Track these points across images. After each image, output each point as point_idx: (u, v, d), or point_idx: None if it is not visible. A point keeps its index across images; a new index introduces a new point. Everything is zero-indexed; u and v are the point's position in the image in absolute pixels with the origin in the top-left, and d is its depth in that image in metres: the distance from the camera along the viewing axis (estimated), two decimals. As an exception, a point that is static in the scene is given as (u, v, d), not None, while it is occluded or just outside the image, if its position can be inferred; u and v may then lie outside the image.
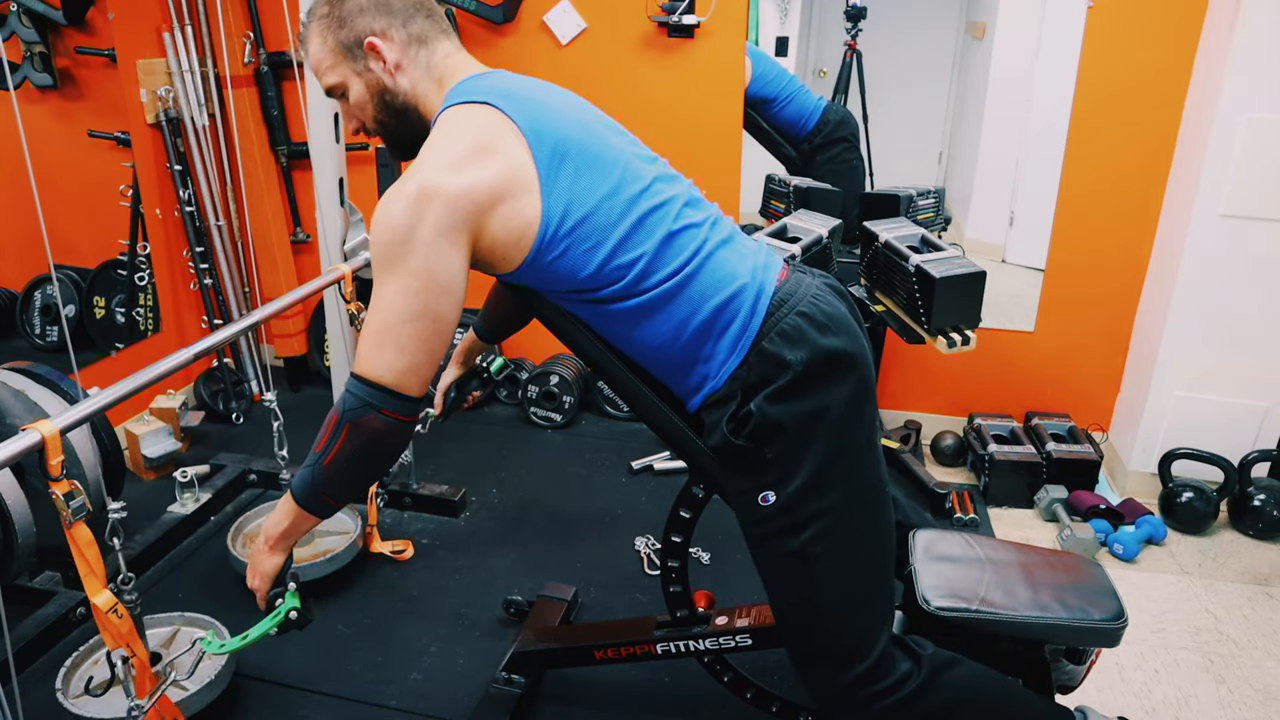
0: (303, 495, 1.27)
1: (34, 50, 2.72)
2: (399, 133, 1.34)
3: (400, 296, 1.16)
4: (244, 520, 2.29)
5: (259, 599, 1.36)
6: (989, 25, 3.05)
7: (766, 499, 1.26)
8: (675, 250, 1.25)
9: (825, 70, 3.18)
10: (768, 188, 3.02)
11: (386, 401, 1.19)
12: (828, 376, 1.24)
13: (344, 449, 1.22)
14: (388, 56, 1.27)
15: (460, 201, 1.14)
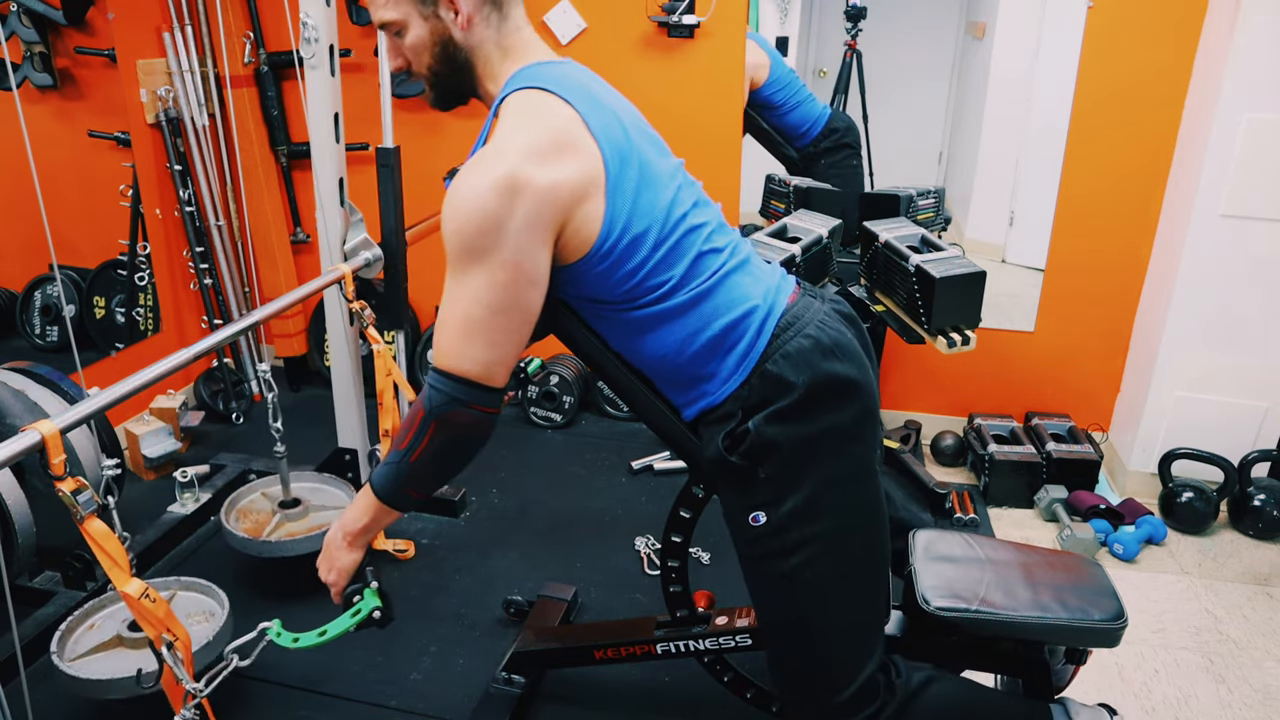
0: (386, 491, 1.26)
1: (34, 50, 2.72)
2: (448, 85, 1.29)
3: (488, 289, 1.13)
4: (238, 495, 2.29)
5: (334, 594, 1.35)
6: (989, 25, 3.04)
7: (757, 519, 1.25)
8: (698, 270, 1.24)
9: (825, 70, 3.18)
10: (768, 188, 3.02)
11: (474, 395, 1.17)
12: (828, 402, 1.23)
13: (431, 444, 1.20)
14: (462, 8, 1.21)
15: (549, 196, 1.11)
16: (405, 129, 2.98)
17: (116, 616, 1.82)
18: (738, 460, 1.23)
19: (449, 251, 1.14)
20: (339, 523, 1.34)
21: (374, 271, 2.37)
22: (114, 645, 1.76)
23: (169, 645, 1.38)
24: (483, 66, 1.27)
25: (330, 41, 2.20)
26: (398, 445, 1.23)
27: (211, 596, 1.90)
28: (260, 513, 2.26)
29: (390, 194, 2.32)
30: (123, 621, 1.79)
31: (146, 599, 1.34)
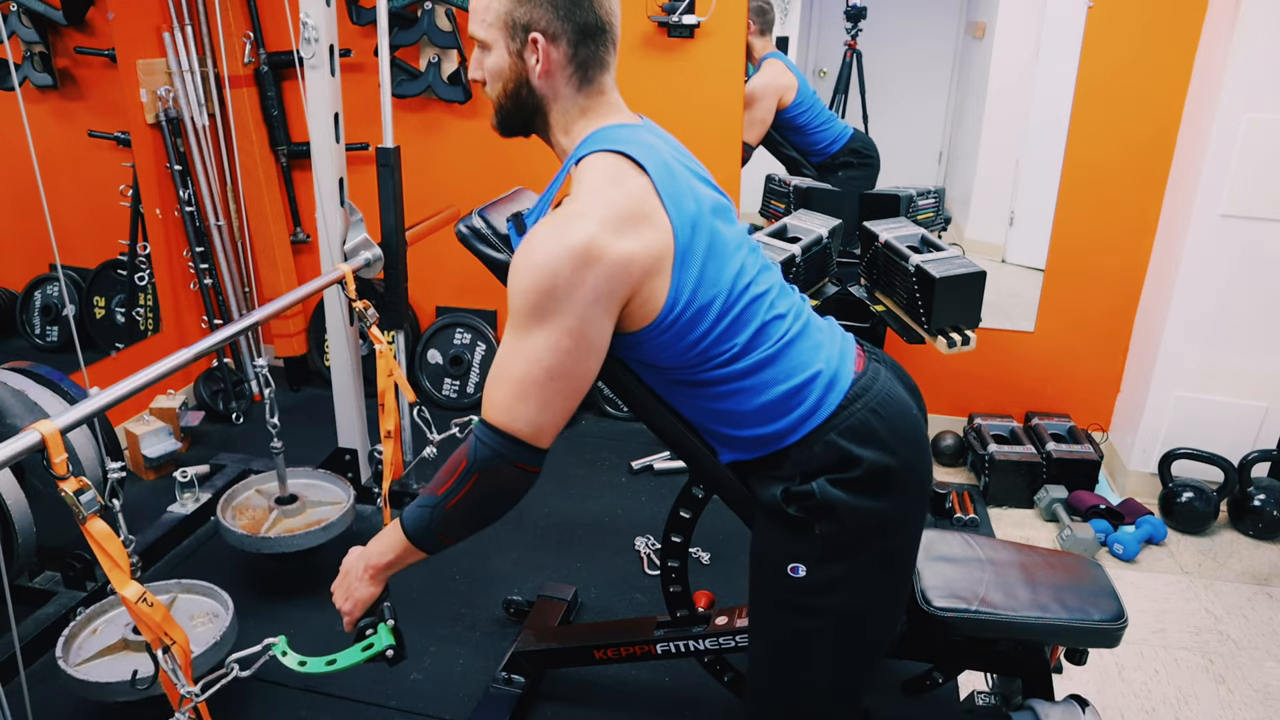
0: (417, 534, 1.25)
1: (34, 50, 2.72)
2: (512, 119, 1.29)
3: (549, 353, 1.12)
4: (233, 493, 2.29)
5: (346, 623, 1.34)
6: (989, 25, 3.04)
7: (796, 570, 1.23)
8: (761, 339, 1.23)
9: (825, 70, 3.18)
10: (768, 188, 3.02)
11: (520, 454, 1.17)
12: (891, 484, 1.23)
13: (470, 495, 1.20)
14: (545, 59, 1.21)
15: (622, 271, 1.11)
16: (405, 129, 2.99)
17: (119, 620, 1.82)
18: (795, 512, 1.22)
19: (513, 306, 1.13)
20: (362, 553, 1.33)
21: (374, 271, 2.37)
22: (119, 648, 1.76)
23: (166, 649, 1.38)
24: (556, 117, 1.27)
25: (330, 41, 2.20)
26: (434, 490, 1.23)
27: (214, 598, 1.90)
28: (257, 509, 2.26)
29: (390, 194, 2.32)
30: (126, 625, 1.79)
31: (144, 603, 1.35)
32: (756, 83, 2.90)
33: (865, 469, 1.20)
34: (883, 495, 1.22)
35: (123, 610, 1.84)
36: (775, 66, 2.89)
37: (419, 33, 2.92)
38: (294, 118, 3.17)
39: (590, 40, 1.22)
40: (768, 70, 2.90)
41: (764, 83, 2.89)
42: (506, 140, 1.37)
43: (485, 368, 3.26)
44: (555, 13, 1.19)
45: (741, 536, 1.50)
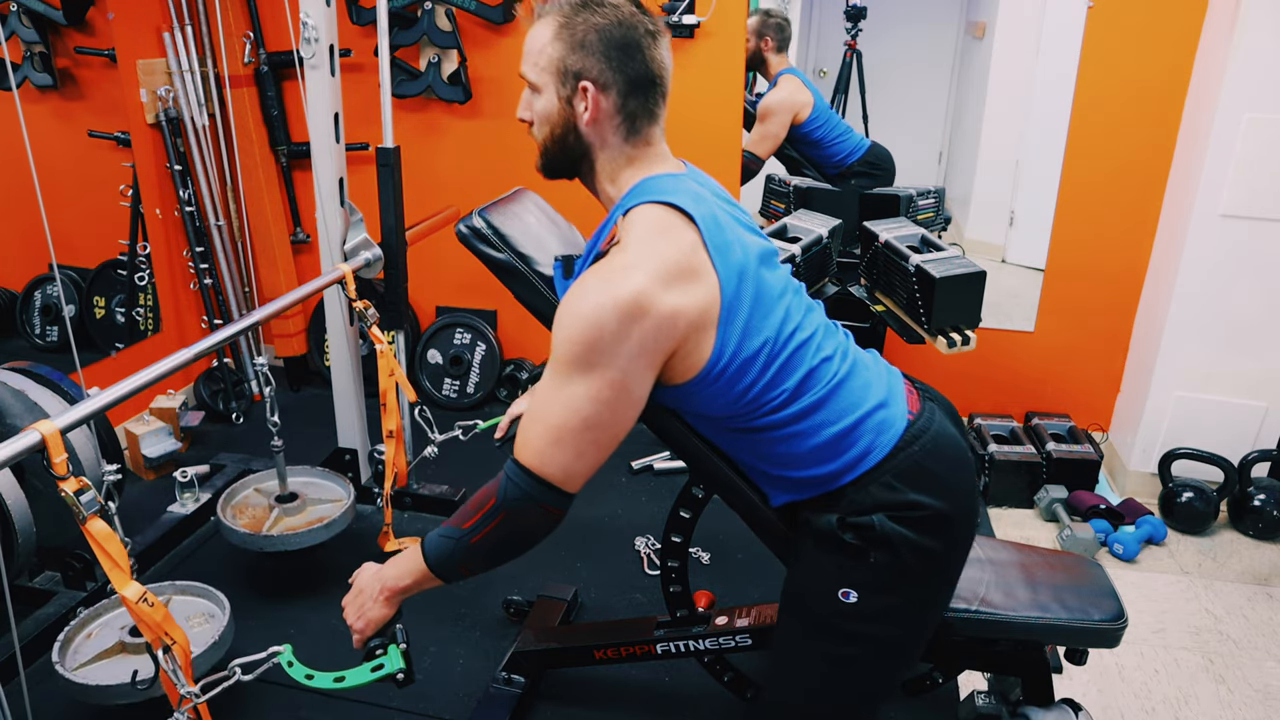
0: (438, 564, 1.26)
1: (34, 50, 2.72)
2: (557, 163, 1.30)
3: (589, 403, 1.13)
4: (232, 491, 2.28)
5: (355, 641, 1.34)
6: (989, 25, 3.05)
7: (848, 595, 1.23)
8: (811, 383, 1.23)
9: (825, 70, 3.18)
10: (768, 188, 3.02)
11: (549, 497, 1.18)
12: (948, 529, 1.24)
13: (496, 533, 1.21)
14: (593, 107, 1.22)
15: (668, 326, 1.12)
16: (405, 129, 2.99)
17: (113, 624, 1.82)
18: (852, 539, 1.23)
19: (557, 352, 1.14)
20: (378, 573, 1.32)
21: (374, 271, 2.37)
22: (116, 651, 1.76)
23: (166, 649, 1.37)
24: (602, 165, 1.28)
25: (330, 41, 2.20)
26: (460, 523, 1.23)
27: (210, 599, 1.90)
28: (257, 508, 2.26)
29: (390, 194, 2.32)
30: (122, 628, 1.79)
31: (144, 603, 1.34)
32: (773, 99, 2.89)
33: (923, 512, 1.21)
34: (937, 536, 1.23)
35: (118, 613, 1.84)
36: (792, 83, 2.89)
37: (419, 33, 2.92)
38: (294, 118, 3.17)
39: (640, 92, 1.23)
40: (784, 86, 2.89)
41: (780, 99, 2.88)
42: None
43: (485, 368, 3.26)
44: (608, 63, 1.21)
45: (741, 537, 1.50)
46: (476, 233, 1.46)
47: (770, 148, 2.94)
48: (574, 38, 1.21)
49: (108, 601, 1.85)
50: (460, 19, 2.93)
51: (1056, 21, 2.83)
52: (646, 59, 1.22)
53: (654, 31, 1.23)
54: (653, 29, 1.23)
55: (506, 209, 1.54)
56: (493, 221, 1.47)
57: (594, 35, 1.20)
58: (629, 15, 1.21)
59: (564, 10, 1.23)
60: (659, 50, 1.24)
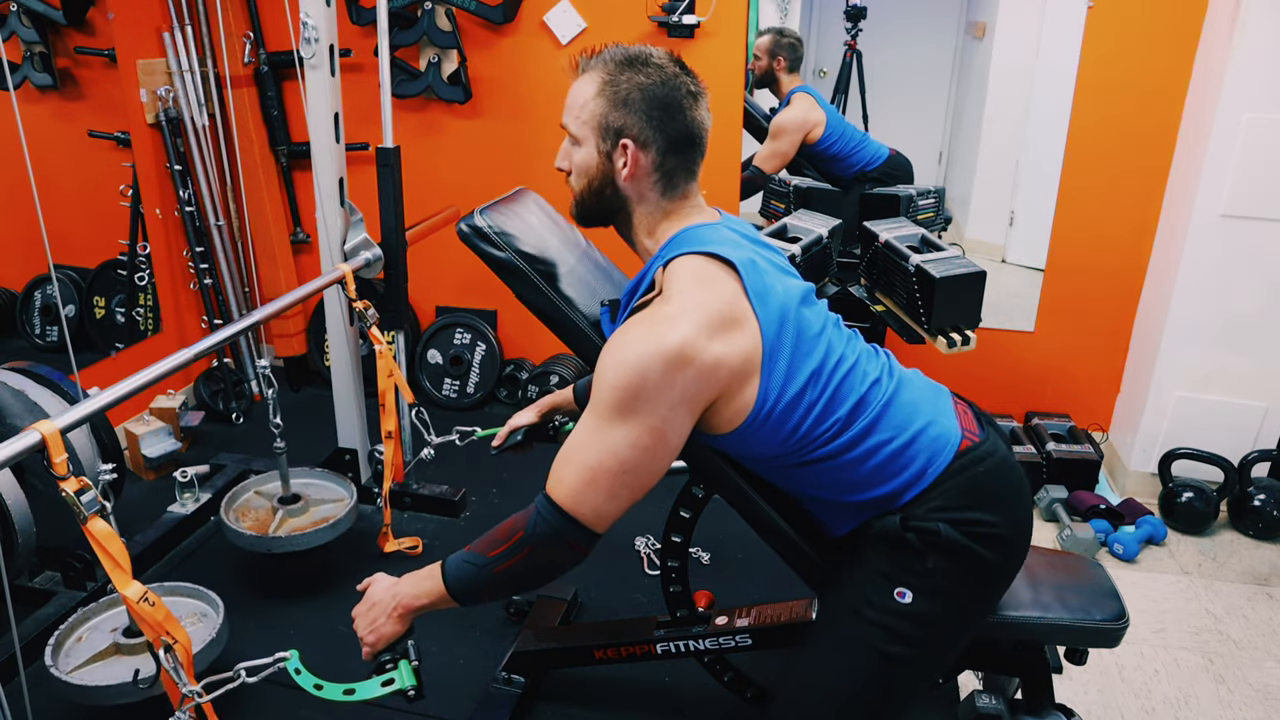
0: (459, 588, 1.28)
1: (34, 50, 2.72)
2: (593, 214, 1.32)
3: (628, 449, 1.15)
4: (233, 494, 2.28)
5: (365, 653, 1.34)
6: (989, 25, 3.04)
7: (903, 595, 1.25)
8: (861, 410, 1.25)
9: (825, 70, 3.18)
10: (768, 187, 3.02)
11: (576, 535, 1.21)
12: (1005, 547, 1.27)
13: (520, 564, 1.24)
14: (632, 164, 1.25)
15: (710, 376, 1.14)
16: (405, 129, 2.99)
17: (103, 627, 1.81)
18: (915, 540, 1.24)
19: (599, 396, 1.16)
20: (393, 588, 1.33)
21: (374, 271, 2.37)
22: (111, 653, 1.76)
23: (167, 648, 1.37)
24: (639, 219, 1.30)
25: (330, 41, 2.20)
26: (484, 551, 1.25)
27: (202, 599, 1.89)
28: (260, 510, 2.26)
29: (390, 194, 2.32)
30: (114, 630, 1.78)
31: (145, 602, 1.34)
32: (785, 118, 2.88)
33: (985, 529, 1.23)
34: (995, 552, 1.25)
35: (107, 616, 1.83)
36: (805, 102, 2.87)
37: (419, 33, 2.92)
38: (294, 118, 3.17)
39: (679, 151, 1.26)
40: (797, 105, 2.88)
41: (792, 118, 2.87)
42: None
43: (485, 368, 3.26)
44: (649, 121, 1.23)
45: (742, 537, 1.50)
46: (478, 231, 1.46)
47: (778, 165, 2.93)
48: (617, 95, 1.23)
49: (95, 605, 1.85)
50: (460, 19, 2.93)
51: (1056, 21, 2.83)
52: (688, 119, 1.25)
53: (696, 93, 1.26)
54: (695, 90, 1.26)
55: (508, 208, 1.55)
56: (494, 220, 1.47)
57: (637, 94, 1.23)
58: (672, 75, 1.24)
59: (609, 67, 1.25)
60: (700, 111, 1.26)
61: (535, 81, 2.96)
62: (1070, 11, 2.65)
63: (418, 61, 3.00)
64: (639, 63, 1.24)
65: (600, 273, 1.59)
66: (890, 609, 1.25)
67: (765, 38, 2.89)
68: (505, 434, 1.77)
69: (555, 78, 2.95)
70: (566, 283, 1.48)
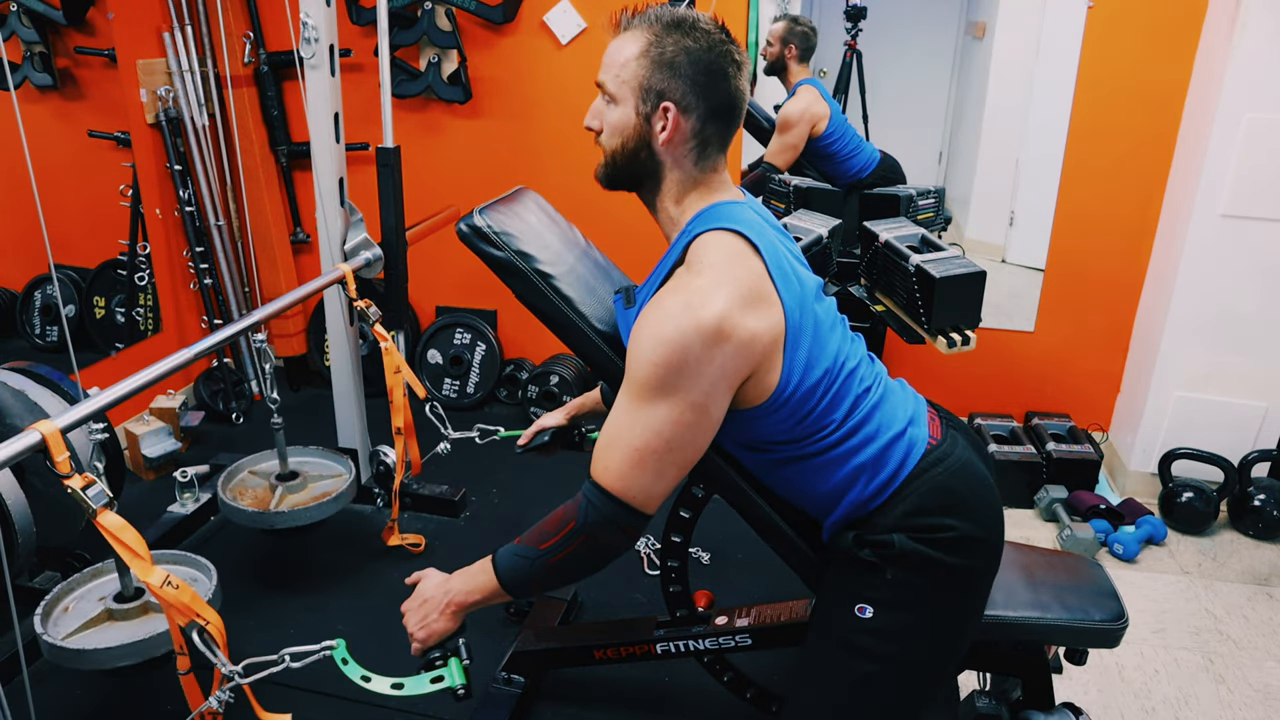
0: (512, 581, 1.27)
1: (34, 50, 2.72)
2: (622, 175, 1.30)
3: (672, 426, 1.14)
4: (229, 473, 2.26)
5: (415, 649, 1.34)
6: (989, 25, 3.04)
7: (864, 610, 1.24)
8: (856, 411, 1.26)
9: (825, 70, 3.18)
10: (768, 188, 3.02)
11: (629, 519, 1.19)
12: (971, 551, 1.26)
13: (574, 553, 1.23)
14: (672, 128, 1.22)
15: (747, 350, 1.14)
16: (405, 129, 2.99)
17: (89, 596, 1.77)
18: (868, 555, 1.24)
19: (636, 375, 1.15)
20: (444, 584, 1.33)
21: (374, 271, 2.37)
22: (103, 620, 1.72)
23: (199, 630, 1.34)
24: (669, 186, 1.28)
25: (330, 41, 2.20)
26: (536, 544, 1.25)
27: (193, 565, 1.86)
28: (258, 489, 2.24)
29: (390, 194, 2.32)
30: (101, 599, 1.74)
31: (169, 586, 1.32)
32: (791, 110, 2.87)
33: (950, 534, 1.23)
34: (964, 556, 1.25)
35: (94, 585, 1.79)
36: (810, 94, 2.86)
37: (419, 33, 2.92)
38: (294, 118, 3.17)
39: (719, 119, 1.24)
40: (803, 97, 2.87)
41: (799, 110, 2.86)
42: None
43: (485, 368, 3.25)
44: (693, 87, 1.21)
45: (741, 537, 1.49)
46: (478, 231, 1.46)
47: (789, 159, 2.92)
48: (663, 56, 1.21)
49: (78, 576, 1.80)
50: (460, 19, 2.93)
51: (1056, 21, 2.83)
52: (731, 88, 1.23)
53: (740, 62, 1.24)
54: (739, 59, 1.24)
55: (508, 208, 1.54)
56: (494, 220, 1.47)
57: (684, 57, 1.20)
58: (719, 42, 1.22)
59: (655, 27, 1.22)
60: (742, 80, 1.25)
61: (535, 81, 2.96)
62: (1070, 11, 2.65)
63: (418, 61, 3.00)
64: (687, 25, 1.21)
65: (600, 272, 1.59)
66: (854, 627, 1.25)
67: (780, 24, 2.88)
68: (532, 434, 1.76)
69: (556, 78, 2.96)
70: (566, 282, 1.48)
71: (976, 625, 1.34)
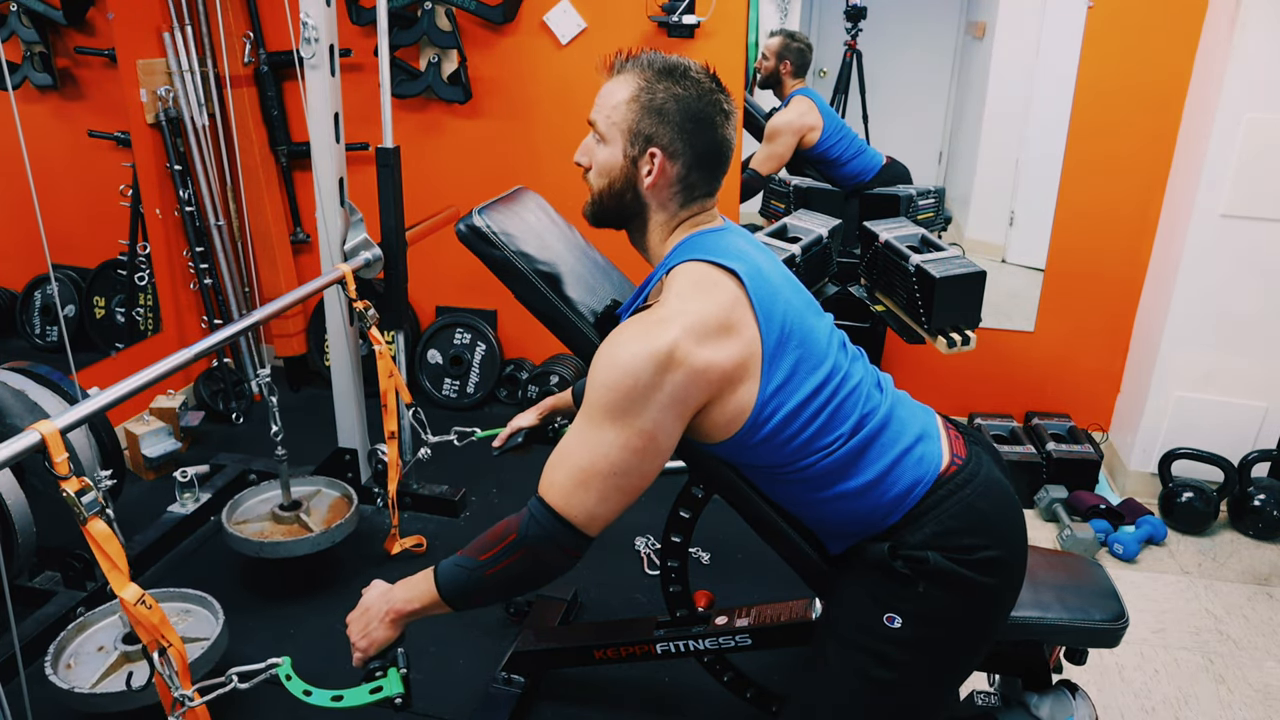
0: (450, 592, 1.27)
1: (34, 50, 2.72)
2: (608, 215, 1.33)
3: (618, 450, 1.16)
4: (240, 498, 2.30)
5: (355, 659, 1.34)
6: (989, 25, 3.04)
7: (893, 620, 1.24)
8: (861, 428, 1.25)
9: (825, 70, 3.18)
10: (768, 187, 3.02)
11: (570, 539, 1.20)
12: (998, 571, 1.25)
13: (512, 568, 1.23)
14: (657, 173, 1.25)
15: (700, 378, 1.14)
16: (405, 129, 2.99)
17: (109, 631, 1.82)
18: (902, 567, 1.23)
19: (591, 398, 1.16)
20: (386, 594, 1.33)
21: (374, 271, 2.37)
22: (120, 664, 1.76)
23: (162, 651, 1.37)
24: (653, 226, 1.31)
25: (330, 41, 2.20)
26: (475, 555, 1.25)
27: (204, 606, 1.90)
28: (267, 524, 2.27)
29: (390, 194, 2.32)
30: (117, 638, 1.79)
31: (142, 605, 1.34)
32: (780, 120, 2.88)
33: (979, 555, 1.22)
34: (991, 576, 1.24)
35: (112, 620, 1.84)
36: (803, 104, 2.87)
37: (419, 33, 2.92)
38: (294, 118, 3.17)
39: (705, 166, 1.26)
40: (794, 108, 2.87)
41: (787, 121, 2.87)
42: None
43: (485, 368, 3.26)
44: (680, 134, 1.23)
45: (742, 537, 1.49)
46: (476, 231, 1.46)
47: (774, 167, 2.93)
48: (652, 103, 1.23)
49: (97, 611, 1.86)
50: (460, 19, 2.93)
51: (1056, 21, 2.83)
52: (718, 136, 1.25)
53: (728, 111, 1.26)
54: (727, 109, 1.26)
55: (507, 208, 1.54)
56: (493, 220, 1.47)
57: (673, 104, 1.23)
58: (709, 90, 1.25)
59: (646, 73, 1.25)
60: (729, 129, 1.27)
61: (535, 81, 2.96)
62: (1070, 11, 2.65)
63: (418, 61, 3.00)
64: (678, 73, 1.24)
65: (600, 273, 1.59)
66: (879, 635, 1.25)
67: (776, 39, 2.89)
68: (506, 435, 1.77)
69: (556, 78, 2.96)
70: (565, 283, 1.48)
71: (991, 643, 1.34)
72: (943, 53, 3.17)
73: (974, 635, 1.29)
